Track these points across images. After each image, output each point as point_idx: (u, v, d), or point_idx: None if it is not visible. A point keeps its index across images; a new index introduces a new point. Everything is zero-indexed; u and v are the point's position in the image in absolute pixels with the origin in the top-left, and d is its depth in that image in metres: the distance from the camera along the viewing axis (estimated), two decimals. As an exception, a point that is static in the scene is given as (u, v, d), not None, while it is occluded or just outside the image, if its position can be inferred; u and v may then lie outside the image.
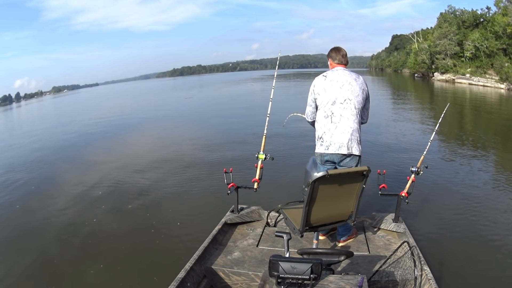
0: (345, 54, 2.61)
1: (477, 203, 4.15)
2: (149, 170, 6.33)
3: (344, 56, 2.60)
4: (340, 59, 2.59)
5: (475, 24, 33.44)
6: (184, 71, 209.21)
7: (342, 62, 2.59)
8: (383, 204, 3.70)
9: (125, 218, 4.33)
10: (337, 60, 2.59)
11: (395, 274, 2.15)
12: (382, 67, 75.06)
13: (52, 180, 6.43)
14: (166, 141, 9.33)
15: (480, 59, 30.34)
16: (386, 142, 7.61)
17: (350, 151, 2.42)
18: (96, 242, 3.75)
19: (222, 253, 2.54)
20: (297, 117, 3.25)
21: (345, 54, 2.61)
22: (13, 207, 5.07)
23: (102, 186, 5.62)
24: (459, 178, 5.14)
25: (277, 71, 3.42)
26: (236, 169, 3.04)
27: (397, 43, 69.36)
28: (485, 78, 27.96)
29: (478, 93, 20.85)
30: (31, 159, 8.36)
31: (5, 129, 20.03)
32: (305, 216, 1.87)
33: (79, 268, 3.28)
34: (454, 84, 29.92)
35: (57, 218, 4.46)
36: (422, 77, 39.05)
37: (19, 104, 72.34)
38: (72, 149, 9.20)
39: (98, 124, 13.79)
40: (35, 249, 3.72)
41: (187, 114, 15.95)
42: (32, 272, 3.28)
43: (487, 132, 9.15)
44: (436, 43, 35.30)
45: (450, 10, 36.77)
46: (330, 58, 2.63)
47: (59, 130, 13.67)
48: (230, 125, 11.25)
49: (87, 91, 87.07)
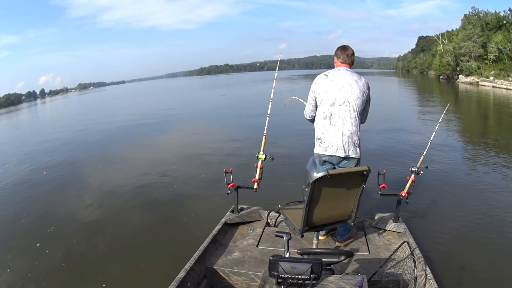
0: (351, 53, 2.56)
1: (477, 203, 4.14)
2: (149, 170, 6.33)
3: (349, 56, 2.55)
4: (344, 58, 2.55)
5: (498, 26, 33.18)
6: (211, 70, 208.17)
7: (346, 62, 2.55)
8: (383, 204, 3.70)
9: (124, 218, 4.33)
10: (341, 59, 2.55)
11: (395, 274, 2.15)
12: (409, 68, 74.17)
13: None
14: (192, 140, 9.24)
15: (504, 61, 30.06)
16: (386, 142, 7.61)
17: (347, 153, 2.42)
18: (94, 242, 3.75)
19: (222, 253, 2.54)
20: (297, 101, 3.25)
21: (351, 53, 2.56)
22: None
23: (101, 186, 5.63)
24: (459, 178, 5.13)
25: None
26: (236, 169, 3.04)
27: (423, 44, 68.56)
28: (508, 81, 27.44)
29: (501, 96, 20.43)
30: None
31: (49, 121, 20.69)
32: (305, 216, 1.87)
33: (79, 268, 3.28)
34: (478, 86, 29.24)
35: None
36: (447, 79, 38.64)
37: (44, 101, 73.28)
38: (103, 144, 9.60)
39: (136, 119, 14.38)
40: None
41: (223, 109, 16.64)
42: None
43: (494, 134, 9.05)
44: (461, 45, 35.03)
45: (474, 12, 36.53)
46: (336, 56, 2.59)
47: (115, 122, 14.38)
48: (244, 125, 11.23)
49: (114, 89, 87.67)
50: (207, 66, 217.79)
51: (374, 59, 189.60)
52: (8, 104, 73.20)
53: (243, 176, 3.40)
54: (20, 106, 58.03)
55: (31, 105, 54.52)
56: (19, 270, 3.31)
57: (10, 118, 30.71)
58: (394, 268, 2.19)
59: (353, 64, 2.59)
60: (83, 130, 12.89)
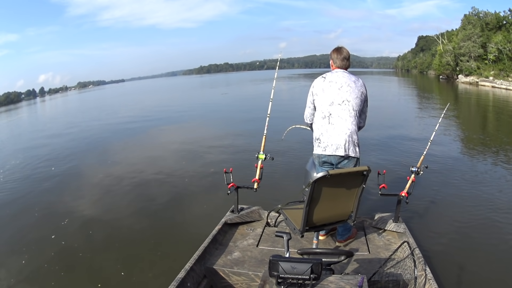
0: (346, 57, 2.54)
1: (477, 203, 4.15)
2: (149, 169, 6.33)
3: (344, 60, 2.54)
4: (339, 63, 2.54)
5: (498, 26, 33.20)
6: (211, 68, 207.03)
7: (342, 67, 2.54)
8: (383, 204, 3.70)
9: (123, 218, 4.33)
10: (337, 64, 2.55)
11: (395, 274, 2.15)
12: (408, 68, 74.21)
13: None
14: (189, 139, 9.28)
15: (503, 62, 30.06)
16: (386, 142, 7.61)
17: (347, 152, 2.41)
18: (94, 242, 3.75)
19: (222, 253, 2.54)
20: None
21: (346, 57, 2.54)
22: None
23: (100, 185, 5.63)
24: (460, 178, 5.14)
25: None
26: (236, 169, 3.04)
27: (423, 44, 68.61)
28: (507, 81, 27.40)
29: (500, 96, 20.43)
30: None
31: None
32: (306, 216, 1.87)
33: (77, 267, 3.28)
34: (477, 86, 29.25)
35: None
36: (446, 79, 38.64)
37: (43, 99, 73.25)
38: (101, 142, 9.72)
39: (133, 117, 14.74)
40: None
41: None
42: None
43: (494, 134, 9.07)
44: (460, 45, 35.08)
45: (474, 12, 36.59)
46: (332, 60, 2.59)
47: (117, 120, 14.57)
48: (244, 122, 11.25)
49: (113, 87, 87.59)
50: (206, 65, 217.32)
51: (373, 58, 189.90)
52: (7, 102, 73.40)
53: (243, 176, 3.40)
54: (19, 105, 58.29)
55: (30, 104, 54.97)
56: (19, 269, 3.31)
57: (10, 116, 30.74)
58: (394, 268, 2.19)
59: (349, 67, 2.58)
60: (83, 129, 12.89)
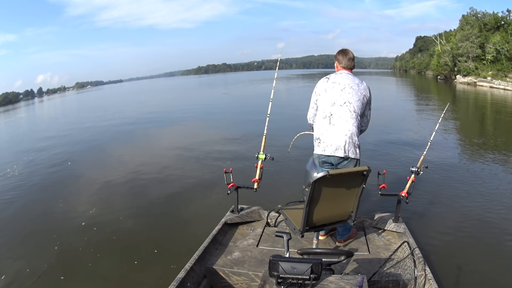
0: (351, 57, 2.59)
1: (478, 203, 4.15)
2: (149, 169, 6.32)
3: (350, 60, 2.58)
4: (346, 63, 2.57)
5: (496, 27, 33.17)
6: (209, 69, 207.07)
7: (347, 67, 2.57)
8: (383, 204, 3.71)
9: (123, 219, 4.32)
10: (343, 64, 2.58)
11: (395, 274, 2.15)
12: (406, 68, 74.07)
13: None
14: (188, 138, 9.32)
15: (501, 62, 30.05)
16: (386, 142, 7.61)
17: (346, 153, 2.41)
18: (93, 242, 3.74)
19: (222, 253, 2.54)
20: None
21: (351, 57, 2.59)
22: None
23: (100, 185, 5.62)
24: (460, 178, 5.13)
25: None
26: (236, 169, 3.04)
27: (421, 44, 68.43)
28: (505, 82, 27.35)
29: (498, 96, 20.37)
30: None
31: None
32: (306, 216, 1.87)
33: (77, 268, 3.27)
34: (475, 87, 29.21)
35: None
36: (444, 79, 38.62)
37: (41, 99, 73.14)
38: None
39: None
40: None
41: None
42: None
43: (493, 134, 9.04)
44: (458, 45, 35.02)
45: (472, 13, 36.51)
46: (337, 61, 2.61)
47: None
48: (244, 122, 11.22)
49: (111, 88, 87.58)
50: (204, 65, 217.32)
51: (372, 59, 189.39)
52: (6, 102, 73.39)
53: (243, 176, 3.40)
54: (18, 105, 58.35)
55: (28, 104, 55.05)
56: (19, 269, 3.30)
57: (8, 117, 30.70)
58: (394, 268, 2.19)
59: (353, 68, 2.61)
60: (83, 129, 12.88)
